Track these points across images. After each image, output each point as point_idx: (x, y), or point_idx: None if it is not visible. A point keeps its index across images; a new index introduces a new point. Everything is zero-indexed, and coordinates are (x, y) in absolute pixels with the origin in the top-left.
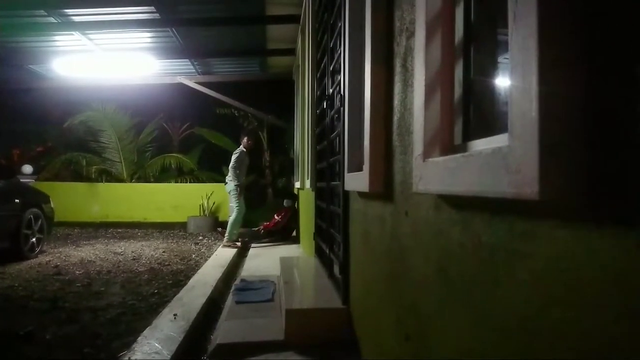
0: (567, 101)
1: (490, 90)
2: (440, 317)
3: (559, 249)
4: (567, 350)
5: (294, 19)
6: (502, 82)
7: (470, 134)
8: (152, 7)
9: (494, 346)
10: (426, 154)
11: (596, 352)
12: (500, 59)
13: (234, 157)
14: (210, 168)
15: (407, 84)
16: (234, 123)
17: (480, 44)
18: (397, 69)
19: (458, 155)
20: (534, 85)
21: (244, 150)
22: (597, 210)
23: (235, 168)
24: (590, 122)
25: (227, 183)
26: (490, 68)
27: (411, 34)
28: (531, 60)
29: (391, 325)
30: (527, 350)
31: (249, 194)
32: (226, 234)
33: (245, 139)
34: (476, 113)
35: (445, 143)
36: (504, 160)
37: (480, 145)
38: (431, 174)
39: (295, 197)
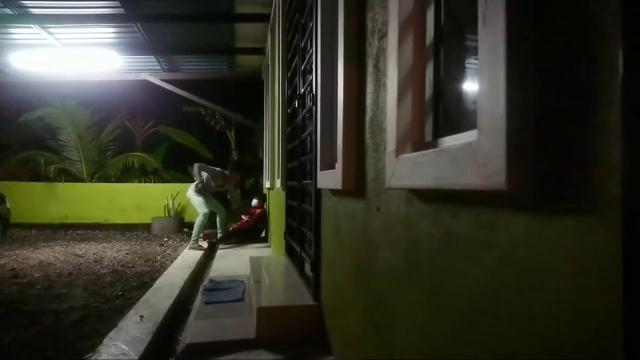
0: (532, 100)
1: (459, 90)
2: (406, 306)
3: (517, 236)
4: (518, 329)
5: (263, 17)
6: (470, 82)
7: (439, 132)
8: (117, 2)
9: (454, 330)
10: (399, 151)
11: (542, 327)
12: (468, 61)
13: (210, 173)
14: (176, 168)
15: (380, 83)
16: (200, 122)
17: (449, 46)
18: (370, 69)
19: (429, 151)
20: (502, 84)
21: (223, 176)
22: (548, 200)
23: (209, 185)
24: (549, 121)
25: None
26: (458, 69)
27: (383, 35)
28: (499, 61)
29: (360, 317)
30: (485, 332)
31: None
32: (192, 237)
33: (234, 173)
34: (445, 112)
35: (417, 140)
36: (472, 154)
37: (450, 141)
38: (403, 170)
39: (264, 198)
